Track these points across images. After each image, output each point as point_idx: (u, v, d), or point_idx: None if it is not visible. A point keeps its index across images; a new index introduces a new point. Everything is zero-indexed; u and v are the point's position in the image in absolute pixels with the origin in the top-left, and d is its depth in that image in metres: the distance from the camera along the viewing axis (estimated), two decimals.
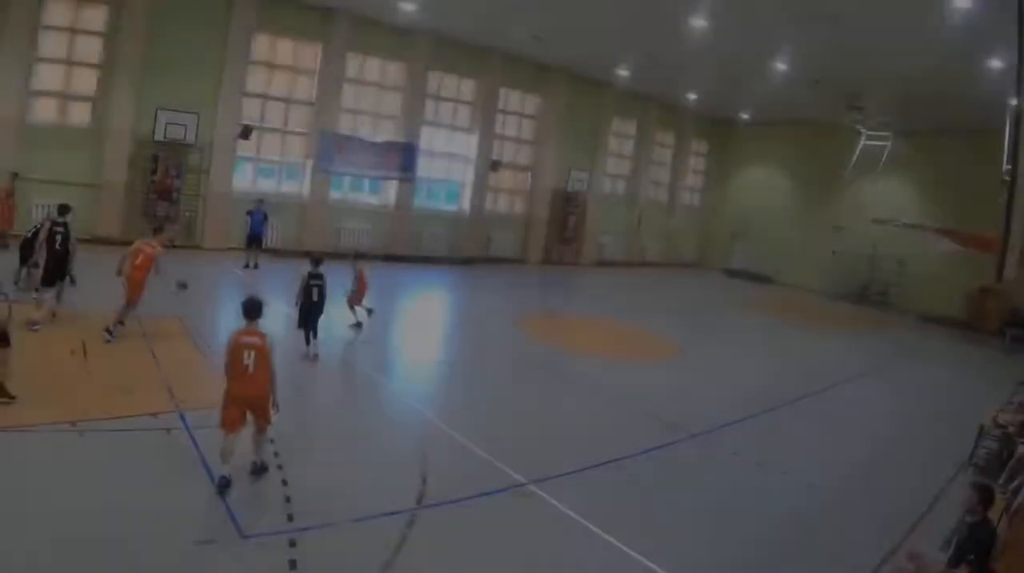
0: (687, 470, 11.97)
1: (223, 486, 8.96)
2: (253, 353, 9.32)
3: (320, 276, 15.59)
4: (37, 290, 16.06)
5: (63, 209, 16.10)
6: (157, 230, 17.08)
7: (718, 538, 9.69)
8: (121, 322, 14.84)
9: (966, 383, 22.92)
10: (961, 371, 25.13)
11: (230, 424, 9.21)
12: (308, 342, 15.53)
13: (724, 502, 10.83)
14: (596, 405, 15.13)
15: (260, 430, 9.61)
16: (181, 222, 27.55)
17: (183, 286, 16.83)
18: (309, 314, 15.45)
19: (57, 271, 15.46)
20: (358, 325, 18.44)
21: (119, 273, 14.83)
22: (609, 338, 23.07)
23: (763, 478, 12.07)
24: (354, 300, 18.49)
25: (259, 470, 9.61)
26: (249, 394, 9.34)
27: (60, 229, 15.71)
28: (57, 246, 15.54)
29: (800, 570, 9.34)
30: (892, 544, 9.90)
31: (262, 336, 9.54)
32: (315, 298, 15.42)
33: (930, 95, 29.82)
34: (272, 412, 9.61)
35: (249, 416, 9.47)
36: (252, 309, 9.74)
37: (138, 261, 15.06)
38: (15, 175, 23.08)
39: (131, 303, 15.02)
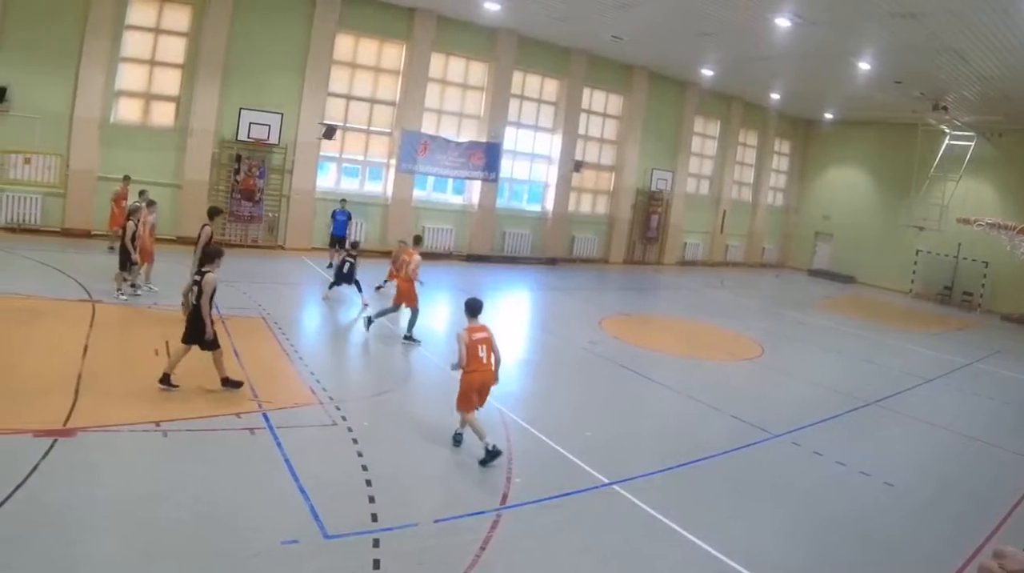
0: (769, 470, 11.35)
1: (496, 454, 9.82)
2: (484, 346, 10.11)
3: (354, 256, 18.61)
4: (133, 286, 16.70)
5: (214, 212, 16.27)
6: (417, 239, 17.61)
7: (799, 537, 9.22)
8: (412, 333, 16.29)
9: None
10: None
11: (471, 406, 10.09)
12: (330, 288, 19.01)
13: (805, 502, 10.28)
14: (679, 404, 14.49)
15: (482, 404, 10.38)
16: (264, 222, 26.17)
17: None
18: (340, 278, 18.59)
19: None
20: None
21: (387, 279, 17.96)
22: (692, 338, 21.79)
23: (844, 478, 11.37)
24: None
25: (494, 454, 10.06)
26: (486, 381, 10.14)
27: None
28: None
29: (881, 570, 8.70)
30: (974, 545, 9.37)
31: (486, 329, 10.30)
32: (344, 271, 18.48)
33: (1014, 94, 27.92)
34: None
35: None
36: (477, 307, 10.50)
37: (402, 271, 16.50)
38: (127, 178, 21.85)
39: (412, 308, 16.27)
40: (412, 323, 16.21)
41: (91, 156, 22.95)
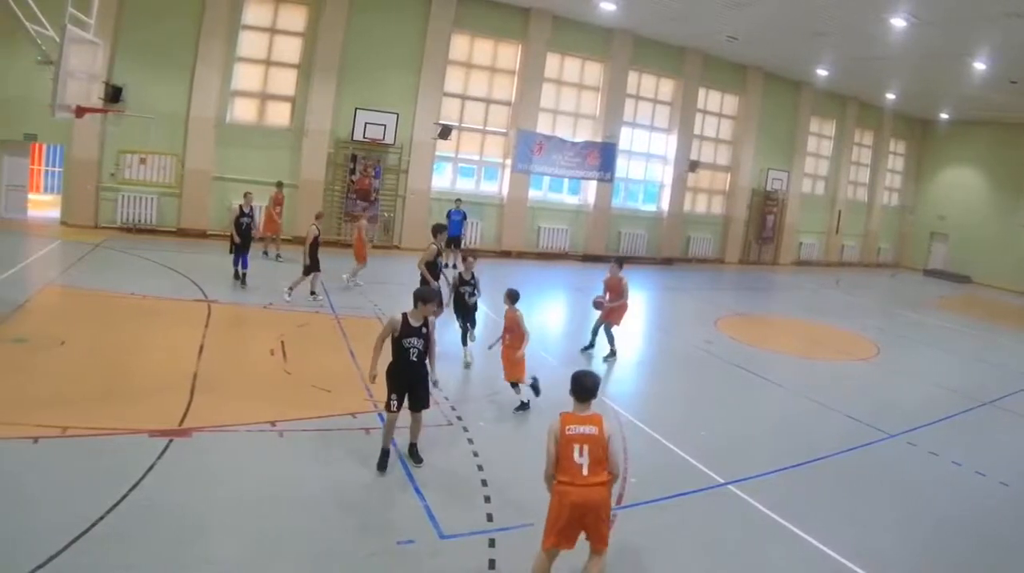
0: (885, 470, 10.11)
1: None
2: (586, 447, 5.73)
3: (469, 283, 12.52)
4: (313, 293, 15.52)
5: (438, 229, 14.29)
6: (620, 261, 14.76)
7: (914, 537, 8.15)
8: None
9: None
10: None
11: (556, 540, 5.77)
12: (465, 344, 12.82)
13: (920, 502, 9.14)
14: (794, 404, 12.96)
15: (597, 553, 5.87)
16: (380, 222, 23.28)
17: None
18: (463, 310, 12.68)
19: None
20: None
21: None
22: (808, 337, 19.52)
23: (960, 478, 10.12)
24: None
25: None
26: (582, 499, 5.68)
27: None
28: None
29: (997, 571, 7.68)
30: None
31: (598, 422, 5.86)
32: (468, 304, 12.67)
33: None
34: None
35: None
36: (587, 389, 6.00)
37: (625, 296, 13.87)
38: (280, 184, 19.67)
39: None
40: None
41: (207, 156, 20.63)
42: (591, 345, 14.16)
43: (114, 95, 18.67)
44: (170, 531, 6.29)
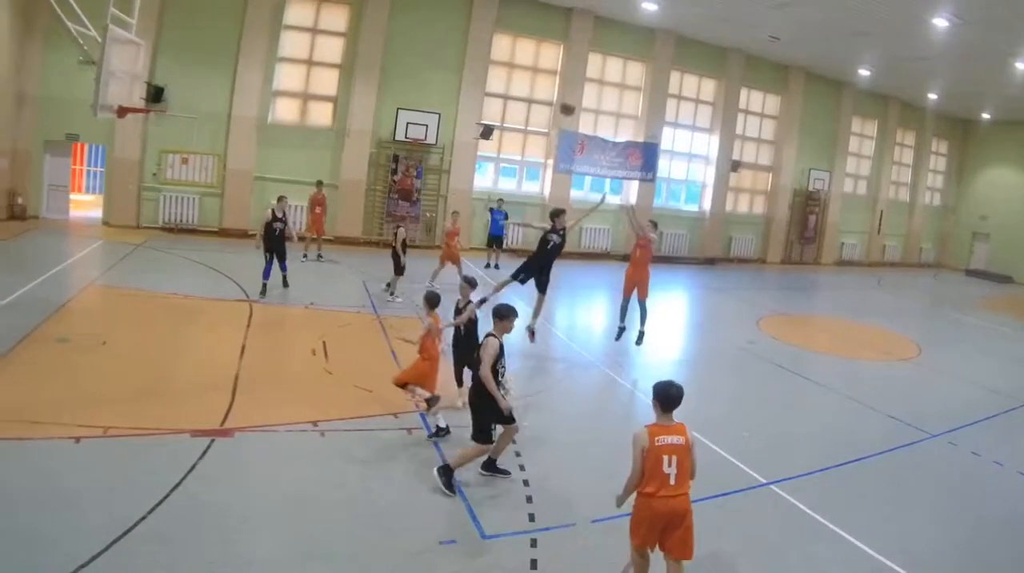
0: (926, 470, 9.75)
1: None
2: (675, 458, 5.57)
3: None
4: (392, 294, 15.37)
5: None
6: (654, 223, 14.35)
7: (956, 537, 7.80)
8: None
9: None
10: None
11: (642, 542, 5.60)
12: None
13: (962, 502, 8.79)
14: (836, 404, 12.55)
15: (676, 562, 5.57)
16: (421, 223, 22.46)
17: None
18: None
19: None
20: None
21: None
22: (850, 338, 18.69)
23: (1002, 478, 9.70)
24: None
25: None
26: (669, 509, 5.53)
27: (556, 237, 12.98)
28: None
29: None
30: None
31: (683, 431, 5.68)
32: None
33: None
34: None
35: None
36: (672, 398, 5.74)
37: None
38: (320, 183, 18.91)
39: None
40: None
41: (248, 156, 19.98)
42: (622, 327, 13.60)
43: (156, 95, 18.34)
44: (212, 531, 6.11)
